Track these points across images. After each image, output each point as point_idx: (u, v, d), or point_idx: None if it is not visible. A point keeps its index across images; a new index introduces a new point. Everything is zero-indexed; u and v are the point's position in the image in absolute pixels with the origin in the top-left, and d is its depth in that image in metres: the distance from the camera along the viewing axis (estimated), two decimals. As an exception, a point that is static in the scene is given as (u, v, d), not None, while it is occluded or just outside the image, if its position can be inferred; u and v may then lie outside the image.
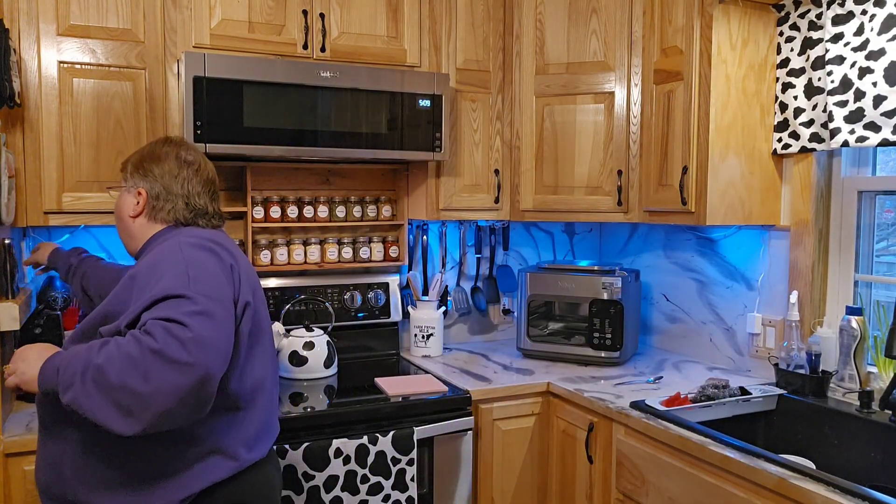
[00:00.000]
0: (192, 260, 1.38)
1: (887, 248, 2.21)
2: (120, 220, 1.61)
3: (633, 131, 2.50)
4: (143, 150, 1.63)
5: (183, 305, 1.27)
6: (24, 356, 1.35)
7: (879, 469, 1.84)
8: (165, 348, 1.21)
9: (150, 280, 1.34)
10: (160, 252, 1.42)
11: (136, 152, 1.64)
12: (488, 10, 2.61)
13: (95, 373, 1.22)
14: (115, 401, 1.21)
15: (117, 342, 1.25)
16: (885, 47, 1.92)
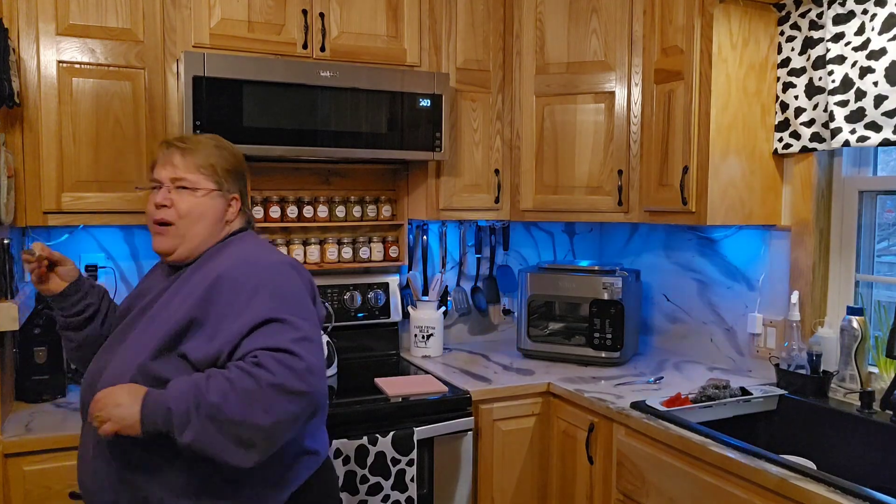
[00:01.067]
0: (281, 279, 1.41)
1: (888, 248, 2.21)
2: (202, 221, 1.50)
3: (633, 131, 2.50)
4: (222, 152, 1.54)
5: (286, 332, 1.32)
6: (116, 400, 1.28)
7: (880, 469, 1.83)
8: (284, 381, 1.26)
9: (239, 298, 1.36)
10: (240, 266, 1.42)
11: (213, 153, 1.53)
12: (488, 10, 2.60)
13: (211, 410, 1.24)
14: (235, 436, 1.25)
15: (227, 377, 1.27)
16: (886, 47, 1.91)
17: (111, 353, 1.44)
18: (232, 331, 1.33)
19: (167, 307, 1.41)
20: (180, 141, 1.53)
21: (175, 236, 1.48)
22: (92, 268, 2.36)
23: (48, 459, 1.79)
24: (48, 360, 2.09)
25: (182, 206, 1.48)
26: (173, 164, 1.49)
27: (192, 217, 1.48)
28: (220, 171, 1.52)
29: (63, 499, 1.79)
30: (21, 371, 2.09)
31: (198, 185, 1.49)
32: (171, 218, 1.48)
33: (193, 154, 1.50)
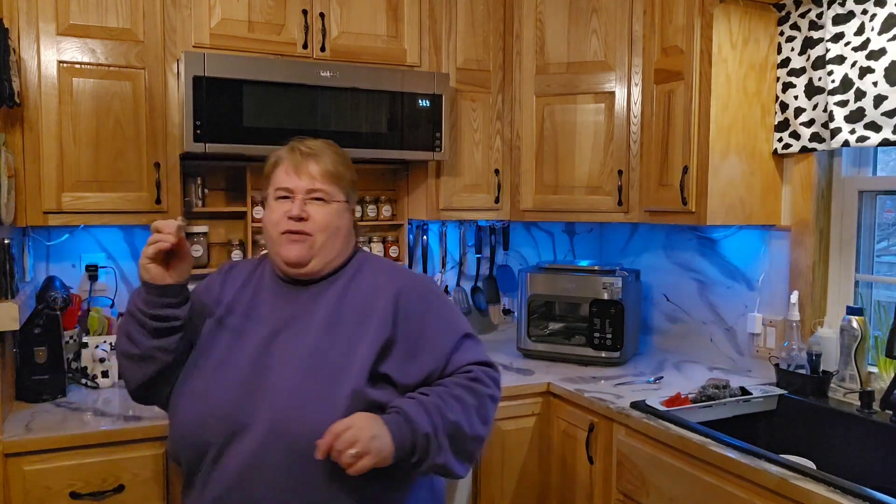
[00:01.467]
0: (447, 297, 1.51)
1: (888, 248, 2.21)
2: (338, 235, 1.43)
3: (633, 131, 2.50)
4: (346, 160, 1.48)
5: (480, 345, 1.46)
6: (371, 432, 1.22)
7: (880, 469, 1.84)
8: (495, 393, 1.40)
9: (434, 316, 1.42)
10: (414, 283, 1.46)
11: (339, 161, 1.46)
12: (488, 10, 2.60)
13: (451, 429, 1.31)
14: (465, 451, 1.34)
15: (455, 396, 1.34)
16: (885, 47, 1.91)
17: (252, 382, 1.32)
18: (441, 349, 1.39)
19: (330, 329, 1.36)
20: (307, 146, 1.45)
21: (312, 247, 1.39)
22: (92, 268, 2.36)
23: (48, 459, 1.79)
24: (48, 359, 2.09)
25: (319, 219, 1.40)
26: (309, 174, 1.41)
27: (330, 230, 1.41)
28: (346, 181, 1.46)
29: (63, 498, 1.79)
30: (21, 371, 2.09)
31: (333, 196, 1.42)
32: (308, 230, 1.39)
33: (325, 162, 1.43)
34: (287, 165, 1.43)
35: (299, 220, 1.38)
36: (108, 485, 1.83)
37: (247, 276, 1.51)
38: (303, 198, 1.40)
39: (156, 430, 1.88)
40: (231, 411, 1.30)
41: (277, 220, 1.40)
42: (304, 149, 1.44)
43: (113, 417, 1.94)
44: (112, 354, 2.24)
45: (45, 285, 2.19)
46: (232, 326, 1.42)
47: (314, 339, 1.35)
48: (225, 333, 1.41)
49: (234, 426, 1.29)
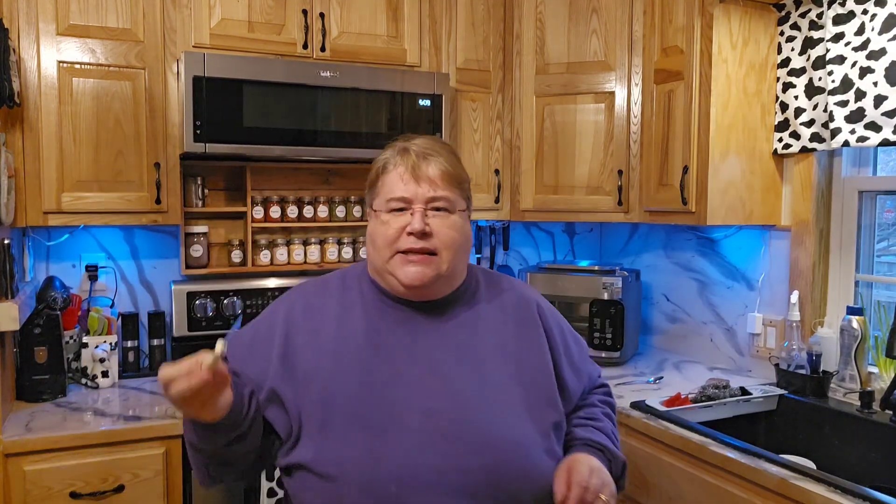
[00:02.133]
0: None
1: (888, 248, 2.21)
2: (463, 250, 1.25)
3: (633, 131, 2.50)
4: (458, 158, 1.27)
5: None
6: (599, 475, 1.15)
7: (880, 469, 1.84)
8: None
9: (566, 328, 1.38)
10: (538, 295, 1.39)
11: (454, 160, 1.25)
12: (488, 10, 2.60)
13: (618, 452, 1.31)
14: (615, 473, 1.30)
15: (613, 420, 1.37)
16: (885, 47, 1.91)
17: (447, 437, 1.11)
18: (585, 363, 1.39)
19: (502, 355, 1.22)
20: (419, 145, 1.23)
21: (437, 267, 1.18)
22: (92, 268, 2.36)
23: (48, 459, 1.79)
24: (48, 359, 2.09)
25: (444, 234, 1.18)
26: (429, 178, 1.19)
27: (456, 246, 1.20)
28: (466, 184, 1.25)
29: (63, 499, 1.79)
30: (21, 371, 2.09)
31: (456, 204, 1.21)
32: (431, 247, 1.18)
33: (443, 163, 1.21)
34: (401, 170, 1.20)
35: (422, 235, 1.16)
36: (108, 485, 1.83)
37: (337, 308, 1.24)
38: (423, 209, 1.18)
39: (156, 430, 1.88)
40: (437, 476, 1.09)
41: (393, 236, 1.18)
42: (416, 148, 1.21)
43: (113, 417, 1.94)
44: (112, 354, 2.24)
45: (45, 285, 2.19)
46: (361, 374, 1.16)
47: (494, 372, 1.19)
48: (351, 384, 1.15)
49: (447, 491, 1.08)
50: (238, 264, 2.49)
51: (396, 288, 1.20)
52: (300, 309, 1.26)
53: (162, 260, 2.49)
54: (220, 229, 2.55)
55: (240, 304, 2.48)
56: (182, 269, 2.39)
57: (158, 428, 1.89)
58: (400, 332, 1.20)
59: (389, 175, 1.23)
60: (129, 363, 2.36)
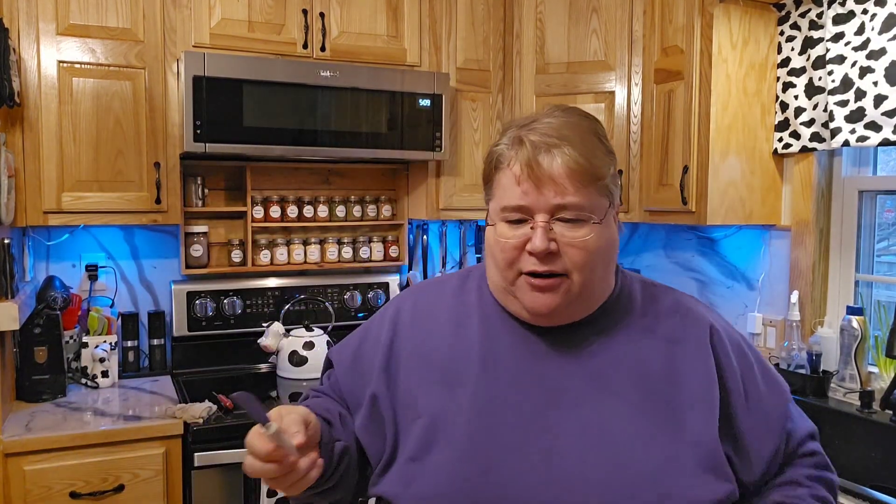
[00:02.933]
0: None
1: (888, 247, 2.21)
2: (605, 264, 0.96)
3: (633, 131, 2.50)
4: (602, 140, 0.96)
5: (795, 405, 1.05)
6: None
7: (880, 469, 1.83)
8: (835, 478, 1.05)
9: (755, 367, 1.01)
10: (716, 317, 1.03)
11: (596, 145, 0.93)
12: (488, 10, 2.60)
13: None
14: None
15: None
16: (885, 47, 1.91)
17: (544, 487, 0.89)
18: (776, 418, 0.99)
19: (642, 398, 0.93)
20: (542, 133, 0.91)
21: (568, 292, 0.93)
22: (92, 267, 2.36)
23: (48, 459, 1.79)
24: (48, 359, 2.09)
25: (576, 253, 0.91)
26: (553, 180, 0.89)
27: (592, 265, 0.93)
28: (608, 173, 0.94)
29: (63, 498, 1.80)
30: (21, 370, 2.09)
31: (594, 210, 0.92)
32: (561, 268, 0.91)
33: (575, 154, 0.90)
34: (516, 169, 0.92)
35: (547, 255, 0.90)
36: (107, 484, 1.84)
37: (451, 316, 1.03)
38: (546, 221, 0.90)
39: (155, 430, 1.88)
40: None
41: (513, 255, 0.93)
42: (536, 136, 0.91)
43: (113, 417, 1.94)
44: (112, 354, 2.24)
45: (45, 285, 2.20)
46: (471, 398, 0.95)
47: (622, 405, 0.92)
48: (459, 410, 0.95)
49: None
50: (238, 264, 2.50)
51: (520, 313, 0.97)
52: (409, 313, 1.06)
53: (162, 260, 2.49)
54: (220, 229, 2.55)
55: (240, 303, 2.49)
56: (182, 268, 2.39)
57: (158, 428, 1.89)
58: (521, 355, 0.97)
59: (503, 173, 0.94)
60: (129, 363, 2.36)
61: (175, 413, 1.94)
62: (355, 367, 1.06)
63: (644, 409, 0.92)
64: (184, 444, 1.92)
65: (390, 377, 1.00)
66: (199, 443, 1.89)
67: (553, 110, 0.96)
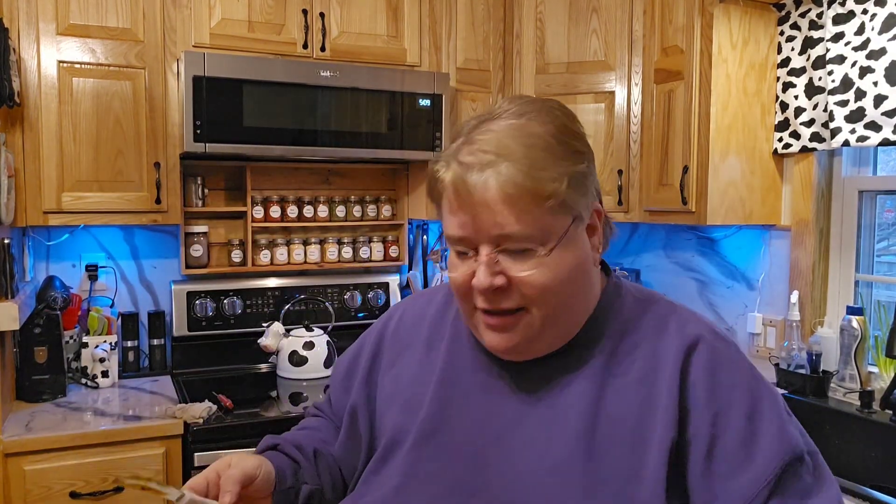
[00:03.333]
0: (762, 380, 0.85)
1: (888, 247, 2.21)
2: (575, 290, 0.83)
3: (633, 131, 2.50)
4: (561, 141, 0.79)
5: (827, 483, 0.82)
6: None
7: (880, 469, 1.83)
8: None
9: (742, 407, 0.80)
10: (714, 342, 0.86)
11: (549, 152, 0.78)
12: (488, 10, 2.60)
13: None
14: None
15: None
16: (885, 47, 1.91)
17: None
18: (746, 491, 0.76)
19: (590, 433, 0.81)
20: (476, 152, 0.78)
21: (529, 327, 0.82)
22: (92, 267, 2.36)
23: (48, 459, 1.79)
24: (48, 359, 2.09)
25: (530, 285, 0.79)
26: (490, 209, 0.76)
27: (554, 294, 0.80)
28: (570, 181, 0.78)
29: (63, 498, 1.79)
30: (21, 370, 2.09)
31: (548, 236, 0.78)
32: (515, 304, 0.80)
33: (512, 177, 0.75)
34: (450, 195, 0.80)
35: (496, 290, 0.79)
36: (107, 484, 1.84)
37: (429, 330, 0.97)
38: (490, 254, 0.78)
39: (155, 430, 1.88)
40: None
41: (462, 289, 0.82)
42: (469, 158, 0.78)
43: (113, 417, 1.94)
44: (112, 354, 2.24)
45: (45, 285, 2.20)
46: (424, 419, 0.89)
47: (563, 451, 0.81)
48: (411, 428, 0.90)
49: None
50: (238, 264, 2.49)
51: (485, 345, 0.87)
52: (394, 326, 1.01)
53: (162, 260, 2.48)
54: (220, 229, 2.55)
55: (240, 303, 2.49)
56: (182, 268, 2.39)
57: (158, 428, 1.89)
58: (476, 388, 0.89)
59: (443, 198, 0.82)
60: (129, 363, 2.36)
61: (175, 413, 1.94)
62: (347, 380, 1.03)
63: (588, 465, 0.79)
64: (184, 444, 1.92)
65: (370, 391, 0.98)
66: (200, 443, 1.89)
67: (505, 109, 0.82)
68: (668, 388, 0.81)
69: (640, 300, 0.91)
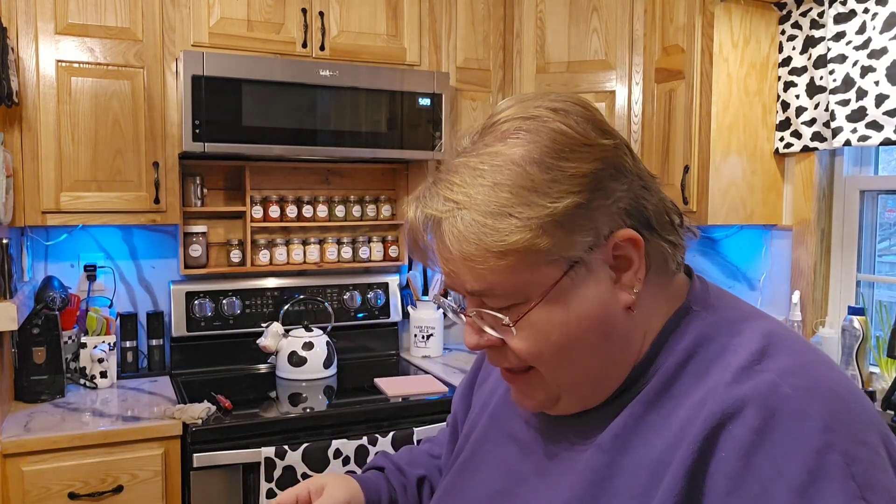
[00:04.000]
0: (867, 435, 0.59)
1: (889, 247, 2.20)
2: (584, 346, 0.66)
3: (634, 130, 2.49)
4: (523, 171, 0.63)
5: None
6: None
7: (882, 470, 1.83)
8: None
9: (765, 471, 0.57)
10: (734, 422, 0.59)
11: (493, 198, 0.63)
12: (488, 9, 2.60)
13: None
14: None
15: None
16: (887, 46, 1.91)
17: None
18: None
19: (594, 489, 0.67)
20: (442, 196, 0.67)
21: (545, 386, 0.70)
22: (91, 267, 2.36)
23: (47, 459, 1.78)
24: (47, 359, 2.08)
25: (514, 348, 0.67)
26: (454, 265, 0.67)
27: (545, 355, 0.67)
28: (547, 226, 0.62)
29: (62, 499, 1.79)
30: (19, 371, 2.08)
31: (530, 292, 0.64)
32: (514, 364, 0.69)
33: (469, 230, 0.63)
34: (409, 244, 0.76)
35: (492, 349, 0.70)
36: (106, 485, 1.83)
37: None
38: (477, 311, 0.68)
39: (154, 431, 1.88)
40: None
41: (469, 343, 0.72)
42: (430, 210, 0.69)
43: (111, 418, 1.94)
44: (110, 354, 2.23)
45: (43, 285, 2.19)
46: (473, 441, 0.84)
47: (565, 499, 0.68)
48: (468, 447, 0.85)
49: None
50: (237, 264, 2.49)
51: None
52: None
53: (161, 260, 2.48)
54: (219, 229, 2.54)
55: (239, 304, 2.48)
56: (181, 268, 2.38)
57: (157, 428, 1.88)
58: (515, 425, 0.79)
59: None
60: (128, 363, 2.35)
61: (174, 414, 1.93)
62: (460, 388, 0.97)
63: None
64: (182, 444, 1.92)
65: (468, 403, 0.92)
66: (198, 443, 1.88)
67: (504, 120, 0.67)
68: (680, 469, 0.60)
69: (711, 324, 0.68)
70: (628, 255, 0.66)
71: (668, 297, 0.70)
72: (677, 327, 0.69)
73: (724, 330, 0.67)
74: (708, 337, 0.67)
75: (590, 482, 0.66)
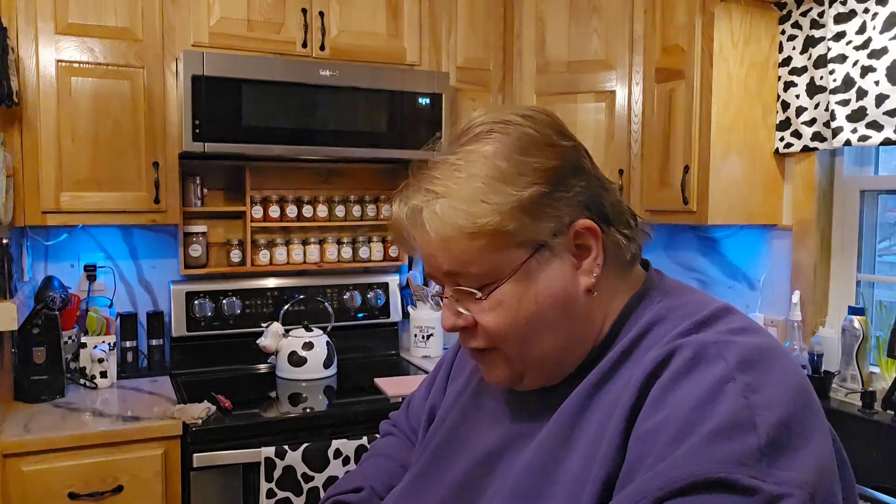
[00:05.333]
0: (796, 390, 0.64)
1: (889, 247, 2.20)
2: (547, 323, 0.74)
3: (634, 130, 2.49)
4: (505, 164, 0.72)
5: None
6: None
7: (881, 469, 1.83)
8: None
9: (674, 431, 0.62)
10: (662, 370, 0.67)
11: (481, 185, 0.71)
12: (489, 9, 2.59)
13: None
14: None
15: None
16: (887, 46, 1.91)
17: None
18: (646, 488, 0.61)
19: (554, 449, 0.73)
20: (421, 187, 0.75)
21: (510, 362, 0.77)
22: (91, 267, 2.36)
23: (47, 460, 1.78)
24: (47, 359, 2.08)
25: (487, 324, 0.75)
26: (432, 250, 0.74)
27: (516, 333, 0.74)
28: (515, 211, 0.70)
29: (62, 499, 1.79)
30: (19, 371, 2.08)
31: (500, 273, 0.73)
32: (483, 344, 0.77)
33: (445, 217, 0.72)
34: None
35: (464, 329, 0.77)
36: (106, 485, 1.83)
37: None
38: (452, 294, 0.76)
39: (154, 431, 1.88)
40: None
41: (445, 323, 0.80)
42: (413, 202, 0.75)
43: (111, 418, 1.94)
44: (110, 354, 2.23)
45: (43, 285, 2.19)
46: (448, 425, 0.90)
47: (526, 464, 0.75)
48: (441, 432, 0.90)
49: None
50: (237, 264, 2.49)
51: None
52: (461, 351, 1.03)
53: (160, 260, 2.48)
54: (219, 229, 2.54)
55: (239, 304, 2.48)
56: (181, 268, 2.38)
57: (157, 428, 1.88)
58: (493, 406, 0.86)
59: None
60: (128, 363, 2.35)
61: (174, 414, 1.93)
62: (430, 382, 1.07)
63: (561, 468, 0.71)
64: (183, 444, 1.91)
65: (443, 396, 0.98)
66: (198, 444, 1.88)
67: (479, 124, 0.76)
68: (621, 413, 0.67)
69: (667, 306, 0.76)
70: (587, 244, 0.74)
71: (627, 285, 0.79)
72: (635, 310, 0.77)
73: (679, 311, 0.75)
74: (663, 317, 0.75)
75: (550, 447, 0.73)
